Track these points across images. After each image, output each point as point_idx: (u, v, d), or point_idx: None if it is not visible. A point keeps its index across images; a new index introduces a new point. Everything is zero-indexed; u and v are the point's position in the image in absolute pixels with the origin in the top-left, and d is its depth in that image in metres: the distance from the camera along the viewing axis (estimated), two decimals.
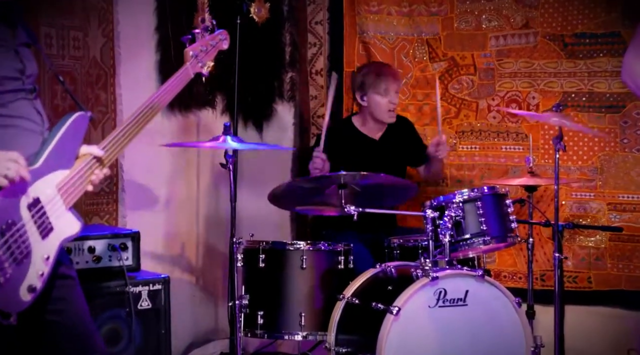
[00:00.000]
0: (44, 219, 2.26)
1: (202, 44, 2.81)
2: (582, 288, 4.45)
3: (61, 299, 2.40)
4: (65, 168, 2.35)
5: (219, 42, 2.89)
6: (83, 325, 2.46)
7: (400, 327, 3.18)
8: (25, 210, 2.21)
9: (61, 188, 2.32)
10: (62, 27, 3.70)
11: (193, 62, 2.75)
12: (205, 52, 2.81)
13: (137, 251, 3.41)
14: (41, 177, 2.27)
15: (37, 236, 2.24)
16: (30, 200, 2.23)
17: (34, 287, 2.23)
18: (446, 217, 3.42)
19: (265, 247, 3.69)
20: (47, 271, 2.27)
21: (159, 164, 4.35)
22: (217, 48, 2.87)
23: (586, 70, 4.41)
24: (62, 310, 2.41)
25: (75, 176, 2.36)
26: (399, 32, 4.77)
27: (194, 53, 2.77)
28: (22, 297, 2.20)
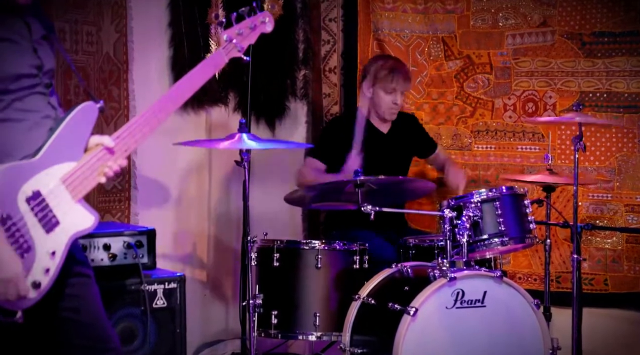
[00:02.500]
0: (47, 213, 2.21)
1: (239, 27, 2.62)
2: (599, 290, 4.40)
3: (76, 296, 2.36)
4: (72, 160, 2.29)
5: (260, 24, 2.68)
6: (98, 323, 2.42)
7: (417, 328, 3.13)
8: (23, 203, 2.16)
9: (66, 180, 2.26)
10: (75, 22, 3.66)
11: (228, 46, 2.60)
12: (244, 36, 2.63)
13: (152, 249, 3.37)
14: (42, 170, 2.22)
15: (40, 230, 2.19)
16: (29, 194, 2.18)
17: (38, 283, 2.17)
18: (464, 217, 3.37)
19: (279, 246, 3.65)
20: (55, 267, 2.22)
21: (171, 161, 4.32)
22: (258, 31, 2.67)
23: (604, 69, 4.36)
24: (77, 308, 2.37)
25: (83, 167, 2.30)
26: (414, 30, 4.72)
27: (229, 37, 2.60)
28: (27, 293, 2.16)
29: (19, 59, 2.24)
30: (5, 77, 2.20)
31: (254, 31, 2.67)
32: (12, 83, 2.21)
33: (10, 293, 2.09)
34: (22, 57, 2.26)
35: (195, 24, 4.27)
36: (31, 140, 2.24)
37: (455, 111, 4.66)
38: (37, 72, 2.29)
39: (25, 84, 2.25)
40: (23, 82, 2.25)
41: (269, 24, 2.71)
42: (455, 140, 4.66)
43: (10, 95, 2.22)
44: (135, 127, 2.38)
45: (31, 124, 2.26)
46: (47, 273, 2.20)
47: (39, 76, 2.30)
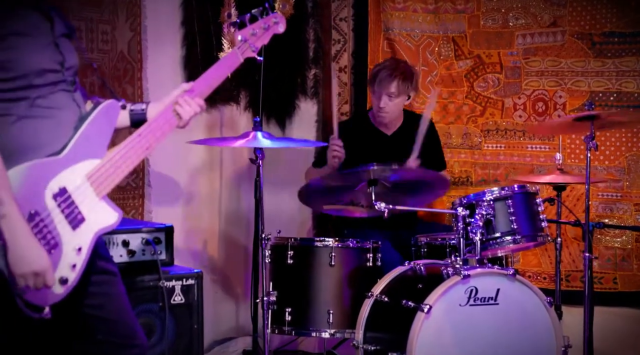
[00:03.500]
0: (73, 209, 2.24)
1: (252, 27, 2.67)
2: (608, 289, 4.42)
3: (101, 294, 2.39)
4: (96, 157, 2.32)
5: (273, 25, 2.71)
6: (124, 319, 2.45)
7: (431, 325, 3.16)
8: (50, 200, 2.19)
9: (91, 177, 2.29)
10: (91, 21, 3.68)
11: (242, 46, 2.63)
12: (257, 36, 2.67)
13: (170, 245, 3.38)
14: (68, 167, 2.25)
15: (67, 227, 2.22)
16: (56, 190, 2.21)
17: (66, 278, 2.20)
18: (477, 215, 3.39)
19: (293, 243, 3.67)
20: (81, 263, 2.24)
21: (184, 159, 4.34)
22: (271, 31, 2.71)
23: (614, 69, 4.38)
24: (101, 305, 2.39)
25: (107, 165, 2.33)
26: (424, 30, 4.74)
27: (243, 37, 2.64)
28: (54, 289, 2.18)
29: (41, 54, 2.26)
30: (29, 72, 2.22)
31: (267, 32, 2.71)
32: (36, 78, 2.23)
33: (39, 284, 2.11)
34: (45, 52, 2.27)
35: (208, 23, 4.29)
36: (57, 137, 2.26)
37: (465, 110, 4.68)
38: (59, 68, 2.31)
39: (50, 80, 2.27)
40: (47, 77, 2.27)
41: (281, 25, 2.75)
42: (465, 140, 4.68)
43: (35, 91, 2.24)
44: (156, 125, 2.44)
45: (56, 121, 2.28)
46: (74, 269, 2.22)
47: (62, 72, 2.32)
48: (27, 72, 2.22)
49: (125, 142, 2.38)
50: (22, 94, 2.22)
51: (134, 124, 2.54)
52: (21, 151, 2.19)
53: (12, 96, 2.21)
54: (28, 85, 2.23)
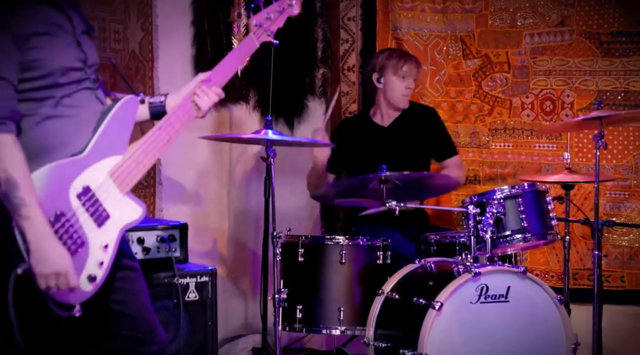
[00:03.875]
0: (98, 207, 2.25)
1: (267, 11, 2.64)
2: (615, 287, 4.44)
3: (124, 289, 2.41)
4: (118, 153, 2.34)
5: (288, 7, 2.67)
6: (145, 316, 2.47)
7: (442, 323, 3.18)
8: (75, 199, 2.21)
9: (114, 173, 2.31)
10: (103, 20, 3.71)
11: (258, 31, 2.61)
12: (272, 20, 2.64)
13: (185, 243, 3.41)
14: (90, 165, 2.27)
15: (92, 225, 2.24)
16: (80, 190, 2.23)
17: (94, 276, 2.22)
18: (488, 213, 3.42)
19: (304, 241, 3.69)
20: (108, 260, 2.26)
21: (193, 158, 4.36)
22: (285, 14, 2.68)
23: (622, 68, 4.40)
24: (124, 301, 2.41)
25: (129, 160, 2.34)
26: (432, 29, 4.76)
27: (258, 22, 2.62)
28: (83, 287, 2.21)
29: (65, 53, 2.27)
30: (53, 70, 2.23)
31: (282, 14, 2.67)
32: (61, 76, 2.25)
33: (62, 285, 2.13)
34: (68, 51, 2.29)
35: (218, 23, 4.31)
36: (81, 136, 2.28)
37: (473, 110, 4.70)
38: (82, 66, 2.33)
39: (73, 78, 2.28)
40: (71, 76, 2.28)
41: (295, 6, 2.71)
42: (473, 138, 4.70)
43: (60, 90, 2.26)
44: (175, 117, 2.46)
45: (80, 119, 2.29)
46: (102, 266, 2.25)
47: (85, 70, 2.33)
48: (52, 71, 2.23)
49: (145, 136, 2.40)
50: (47, 94, 2.24)
51: (153, 116, 2.56)
52: (46, 151, 2.21)
53: (37, 96, 2.23)
54: (53, 84, 2.24)
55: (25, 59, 2.18)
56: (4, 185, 2.08)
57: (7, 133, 2.12)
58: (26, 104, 2.21)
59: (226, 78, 2.58)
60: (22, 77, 2.19)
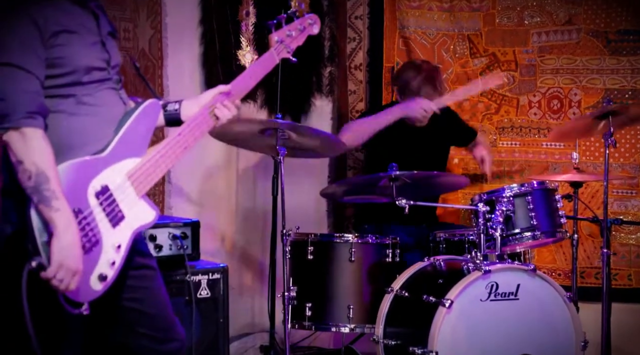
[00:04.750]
0: (114, 207, 2.26)
1: (288, 28, 2.69)
2: (622, 286, 4.45)
3: (142, 288, 2.42)
4: (137, 156, 2.34)
5: (308, 26, 2.75)
6: (163, 314, 2.47)
7: (452, 320, 3.19)
8: (93, 198, 2.21)
9: (132, 175, 2.31)
10: (113, 18, 3.69)
11: (278, 47, 2.65)
12: (293, 37, 2.70)
13: (196, 240, 3.41)
14: (110, 165, 2.27)
15: (107, 224, 2.24)
16: (98, 189, 2.23)
17: (105, 275, 2.23)
18: (497, 211, 3.42)
19: (313, 239, 3.70)
20: (120, 260, 2.27)
21: (201, 156, 4.36)
22: (306, 33, 2.75)
23: (630, 67, 4.41)
24: (140, 299, 2.41)
25: (147, 164, 2.35)
26: (439, 28, 4.77)
27: (280, 38, 2.66)
28: (93, 286, 2.21)
29: (89, 52, 2.28)
30: (77, 68, 2.24)
31: (302, 33, 2.74)
32: (84, 75, 2.25)
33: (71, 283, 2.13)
34: (92, 50, 2.29)
35: (227, 21, 4.31)
36: (102, 136, 2.28)
37: (480, 108, 4.71)
38: (105, 66, 2.33)
39: (96, 78, 2.29)
40: (94, 75, 2.28)
41: (316, 26, 2.79)
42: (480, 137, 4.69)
43: (82, 88, 2.26)
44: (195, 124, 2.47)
45: (103, 118, 2.30)
46: (113, 266, 2.25)
47: (108, 70, 2.34)
48: (75, 69, 2.24)
49: (165, 141, 2.40)
50: (70, 91, 2.24)
51: (168, 123, 2.57)
52: (67, 149, 2.21)
53: (61, 93, 2.23)
54: (76, 82, 2.25)
55: (50, 56, 2.19)
56: (34, 178, 2.09)
57: (36, 128, 2.13)
58: (50, 101, 2.21)
59: (245, 91, 2.62)
60: (48, 74, 2.20)
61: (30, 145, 2.11)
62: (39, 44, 2.16)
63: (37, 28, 2.16)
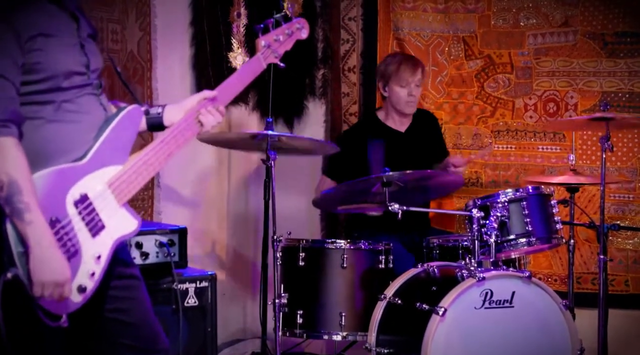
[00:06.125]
0: (94, 216, 2.20)
1: (276, 33, 2.63)
2: (619, 291, 4.39)
3: (126, 298, 2.36)
4: (118, 163, 2.28)
5: (297, 30, 2.69)
6: (147, 324, 2.42)
7: (446, 328, 3.13)
8: (71, 207, 2.15)
9: (113, 184, 2.25)
10: (101, 20, 3.65)
11: (265, 52, 2.59)
12: (280, 42, 2.64)
13: (184, 248, 3.35)
14: (89, 173, 2.21)
15: (87, 234, 2.18)
16: (77, 197, 2.17)
17: (84, 287, 2.17)
18: (492, 217, 3.36)
19: (305, 245, 3.64)
20: (100, 271, 2.21)
21: (192, 161, 4.30)
22: (294, 37, 2.69)
23: (627, 69, 4.35)
24: (123, 309, 2.36)
25: (129, 172, 2.29)
26: (434, 29, 4.71)
27: (267, 43, 2.60)
28: (72, 297, 2.15)
29: (68, 55, 2.22)
30: (56, 73, 2.18)
31: (290, 37, 2.68)
32: (64, 80, 2.19)
33: (56, 295, 2.08)
34: (71, 54, 2.23)
35: (217, 23, 4.26)
36: (82, 143, 2.22)
37: (475, 111, 4.65)
38: (85, 70, 2.27)
39: (76, 83, 2.23)
40: (74, 80, 2.22)
41: (304, 31, 2.73)
42: (475, 140, 4.64)
43: (62, 94, 2.20)
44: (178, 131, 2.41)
45: (83, 125, 2.24)
46: (93, 277, 2.19)
47: (87, 75, 2.28)
48: (55, 74, 2.18)
49: (147, 148, 2.34)
50: (49, 97, 2.18)
51: (150, 128, 2.51)
52: (46, 156, 2.15)
53: (40, 99, 2.17)
54: (55, 88, 2.19)
55: (28, 61, 2.13)
56: (6, 189, 2.02)
57: (9, 136, 2.06)
58: (28, 108, 2.15)
59: (231, 96, 2.56)
60: (25, 80, 2.13)
61: (3, 154, 2.04)
62: (16, 48, 2.10)
63: (13, 31, 2.09)
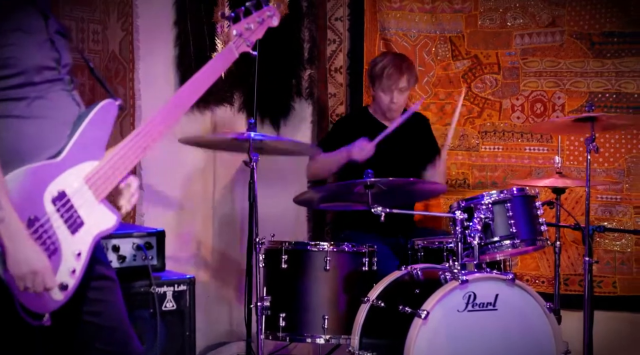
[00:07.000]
0: (72, 213, 2.18)
1: (247, 21, 2.57)
2: (607, 293, 4.37)
3: (99, 300, 2.33)
4: (94, 159, 2.26)
5: (267, 18, 2.62)
6: (121, 327, 2.39)
7: (428, 332, 3.09)
8: (49, 204, 2.13)
9: (90, 179, 2.23)
10: (81, 20, 3.62)
11: (237, 41, 2.54)
12: (252, 30, 2.57)
13: (162, 251, 3.31)
14: (66, 170, 2.19)
15: (66, 231, 2.16)
16: (55, 194, 2.15)
17: (65, 285, 2.15)
18: (476, 219, 3.33)
19: (287, 247, 3.60)
20: (80, 268, 2.19)
21: (177, 162, 4.27)
22: (265, 25, 2.62)
23: (614, 70, 4.33)
24: (100, 312, 2.33)
25: (106, 167, 2.26)
26: (421, 30, 4.67)
27: (238, 32, 2.54)
28: (54, 296, 2.13)
29: (38, 51, 2.20)
30: (28, 68, 2.16)
31: (262, 25, 2.62)
32: (35, 75, 2.18)
33: (37, 285, 2.05)
34: (42, 49, 2.22)
35: (202, 23, 4.22)
36: (57, 139, 2.20)
37: (462, 112, 4.59)
38: (55, 65, 2.25)
39: (47, 77, 2.21)
40: (45, 75, 2.21)
41: (275, 18, 2.66)
42: (462, 141, 4.61)
43: (34, 90, 2.18)
44: (153, 124, 2.35)
45: (57, 121, 2.22)
46: (74, 274, 2.17)
47: (58, 70, 2.26)
48: (26, 69, 2.16)
49: (123, 142, 2.31)
50: (22, 93, 2.16)
51: None
52: (21, 153, 2.13)
53: (12, 95, 2.16)
54: (27, 83, 2.17)
55: (2, 56, 2.11)
56: None
57: None
58: (1, 105, 2.14)
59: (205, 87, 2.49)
60: None
61: None
62: None
63: None
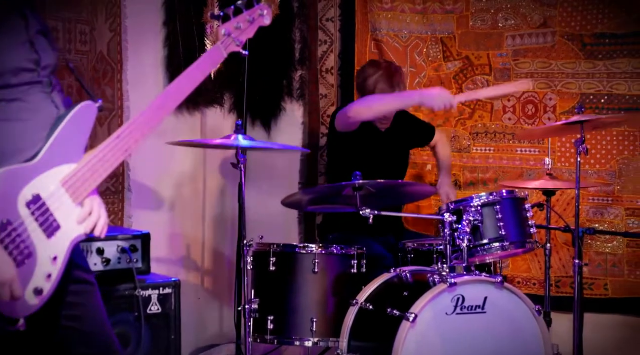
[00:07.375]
0: (48, 217, 2.14)
1: (237, 20, 2.50)
2: (599, 295, 4.35)
3: (79, 305, 2.30)
4: (72, 162, 2.22)
5: (259, 17, 2.55)
6: (101, 331, 2.36)
7: (416, 335, 3.07)
8: (23, 208, 2.09)
9: (67, 182, 2.19)
10: (69, 21, 3.58)
11: (226, 41, 2.48)
12: (242, 29, 2.51)
13: (147, 254, 3.28)
14: (42, 173, 2.15)
15: (41, 235, 2.12)
16: (30, 198, 2.11)
17: (40, 289, 2.11)
18: (465, 221, 3.31)
19: (276, 250, 3.57)
20: (57, 273, 2.15)
21: (166, 163, 4.25)
22: (256, 24, 2.56)
23: (606, 71, 4.31)
24: (79, 317, 2.30)
25: (84, 169, 2.22)
26: (412, 31, 4.65)
27: (227, 31, 2.48)
28: (28, 300, 2.09)
29: (16, 52, 2.16)
30: (5, 70, 2.13)
31: (252, 25, 2.55)
32: (13, 77, 2.14)
33: (4, 295, 2.02)
34: (20, 51, 2.18)
35: (191, 24, 4.20)
36: (34, 142, 2.16)
37: (453, 113, 4.59)
38: (35, 67, 2.21)
39: (25, 80, 2.17)
40: (22, 77, 2.17)
41: (267, 17, 2.60)
42: (454, 143, 4.59)
43: (12, 92, 2.15)
44: (135, 127, 2.31)
45: (34, 124, 2.18)
46: (49, 279, 2.14)
47: (38, 72, 2.22)
48: (3, 72, 2.12)
49: (103, 145, 2.27)
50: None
51: None
52: None
53: None
54: (5, 85, 2.13)
55: None
56: None
57: None
58: None
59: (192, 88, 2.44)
60: None
61: None
62: None
63: None
